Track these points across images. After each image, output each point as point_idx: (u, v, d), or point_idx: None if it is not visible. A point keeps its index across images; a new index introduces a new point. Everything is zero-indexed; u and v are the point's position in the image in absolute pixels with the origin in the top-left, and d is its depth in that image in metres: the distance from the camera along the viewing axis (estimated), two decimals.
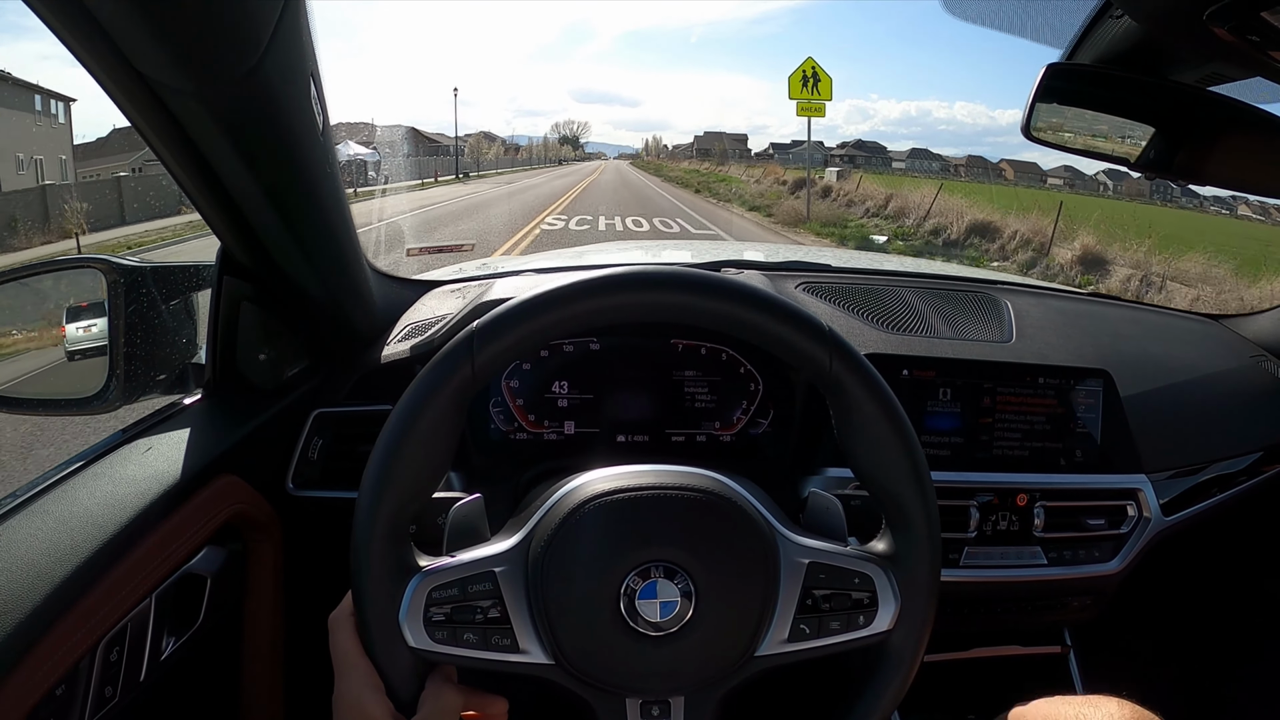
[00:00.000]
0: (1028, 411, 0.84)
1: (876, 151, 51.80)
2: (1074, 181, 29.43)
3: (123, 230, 12.80)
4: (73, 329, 0.75)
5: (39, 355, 0.73)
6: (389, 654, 0.45)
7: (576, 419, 0.81)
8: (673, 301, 0.47)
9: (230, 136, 0.53)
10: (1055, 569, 0.81)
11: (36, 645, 0.46)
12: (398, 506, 0.45)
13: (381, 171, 22.76)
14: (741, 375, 0.82)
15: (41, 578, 0.48)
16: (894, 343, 0.84)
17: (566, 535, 0.46)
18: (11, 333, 0.74)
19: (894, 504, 0.49)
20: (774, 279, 0.93)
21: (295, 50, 0.52)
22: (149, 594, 0.57)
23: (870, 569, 0.48)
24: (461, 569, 0.46)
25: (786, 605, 0.47)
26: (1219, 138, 0.69)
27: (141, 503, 0.57)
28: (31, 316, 0.75)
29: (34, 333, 0.75)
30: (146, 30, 0.43)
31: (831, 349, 0.47)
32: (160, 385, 0.72)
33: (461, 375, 0.45)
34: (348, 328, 0.79)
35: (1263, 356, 1.03)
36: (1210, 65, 0.65)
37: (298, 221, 0.64)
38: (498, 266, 1.08)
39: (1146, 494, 0.84)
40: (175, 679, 0.62)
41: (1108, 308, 1.07)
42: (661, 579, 0.45)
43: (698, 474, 0.49)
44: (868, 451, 0.49)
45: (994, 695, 0.93)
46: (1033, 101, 0.63)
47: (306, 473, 0.76)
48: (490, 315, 0.46)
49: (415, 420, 0.45)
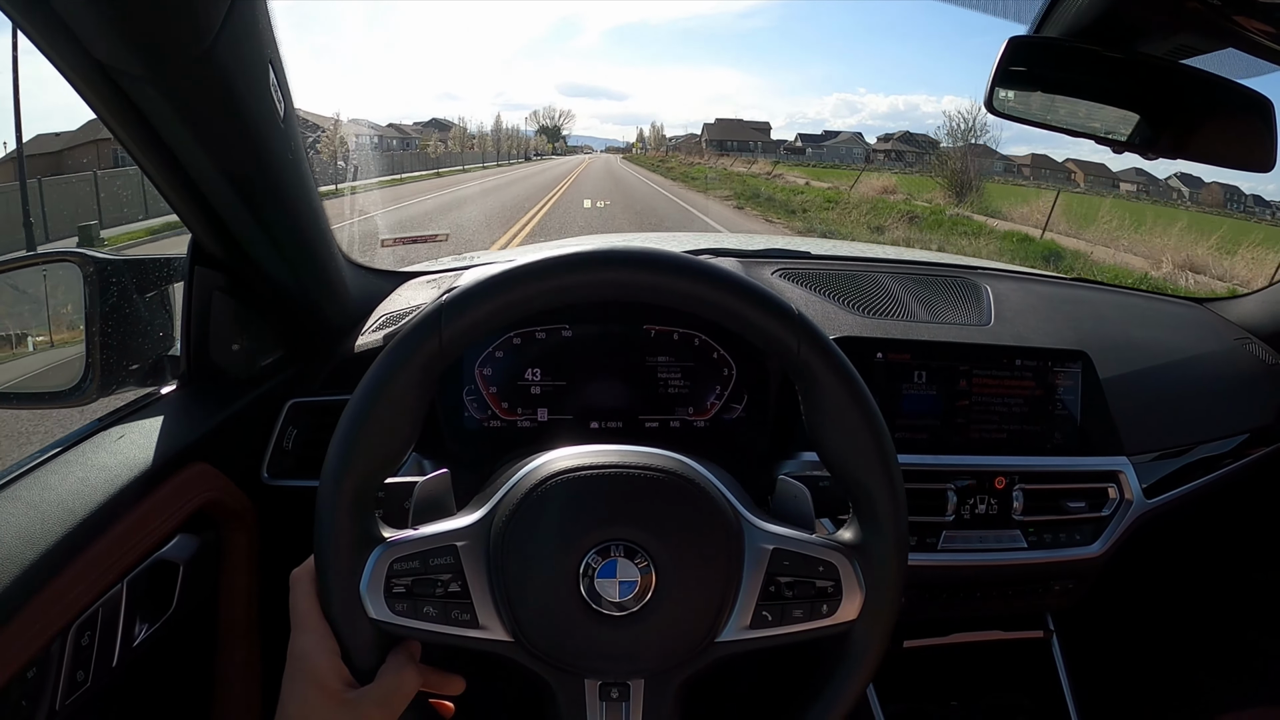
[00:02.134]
0: (1005, 394, 0.83)
1: (927, 146, 40.38)
2: (1148, 187, 25.86)
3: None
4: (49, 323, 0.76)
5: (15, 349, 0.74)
6: (349, 623, 0.45)
7: (550, 406, 0.81)
8: (641, 280, 0.47)
9: (189, 123, 0.53)
10: (1035, 552, 0.81)
11: (6, 627, 0.46)
12: (363, 476, 0.45)
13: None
14: (714, 361, 0.82)
15: (10, 561, 0.49)
16: (869, 326, 0.84)
17: (528, 511, 0.46)
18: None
19: (861, 492, 0.48)
20: (750, 265, 0.93)
21: (251, 36, 0.52)
22: (120, 579, 0.57)
23: (835, 558, 0.48)
24: (423, 542, 0.46)
25: (749, 591, 0.47)
26: (1192, 112, 0.68)
27: (112, 489, 0.58)
28: (7, 311, 0.76)
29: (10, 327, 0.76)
30: (97, 13, 0.44)
31: (800, 332, 0.47)
32: (136, 377, 0.72)
33: (429, 348, 0.45)
34: (321, 318, 0.79)
35: (1248, 339, 1.02)
36: (1180, 36, 0.64)
37: (264, 210, 0.64)
38: (474, 259, 1.08)
39: (1128, 476, 0.83)
40: (148, 664, 0.62)
41: (1090, 291, 1.06)
42: (621, 558, 0.45)
43: (662, 455, 0.49)
44: (835, 438, 0.48)
45: (976, 681, 0.93)
46: (994, 78, 0.62)
47: (281, 462, 0.76)
48: (459, 289, 0.46)
49: (383, 390, 0.45)
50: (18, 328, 0.76)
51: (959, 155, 17.59)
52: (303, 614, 0.46)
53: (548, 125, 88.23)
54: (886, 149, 40.82)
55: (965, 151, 17.68)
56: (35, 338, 0.76)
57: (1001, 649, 0.90)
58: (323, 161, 18.53)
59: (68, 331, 0.72)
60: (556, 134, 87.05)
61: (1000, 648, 0.90)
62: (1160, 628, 1.08)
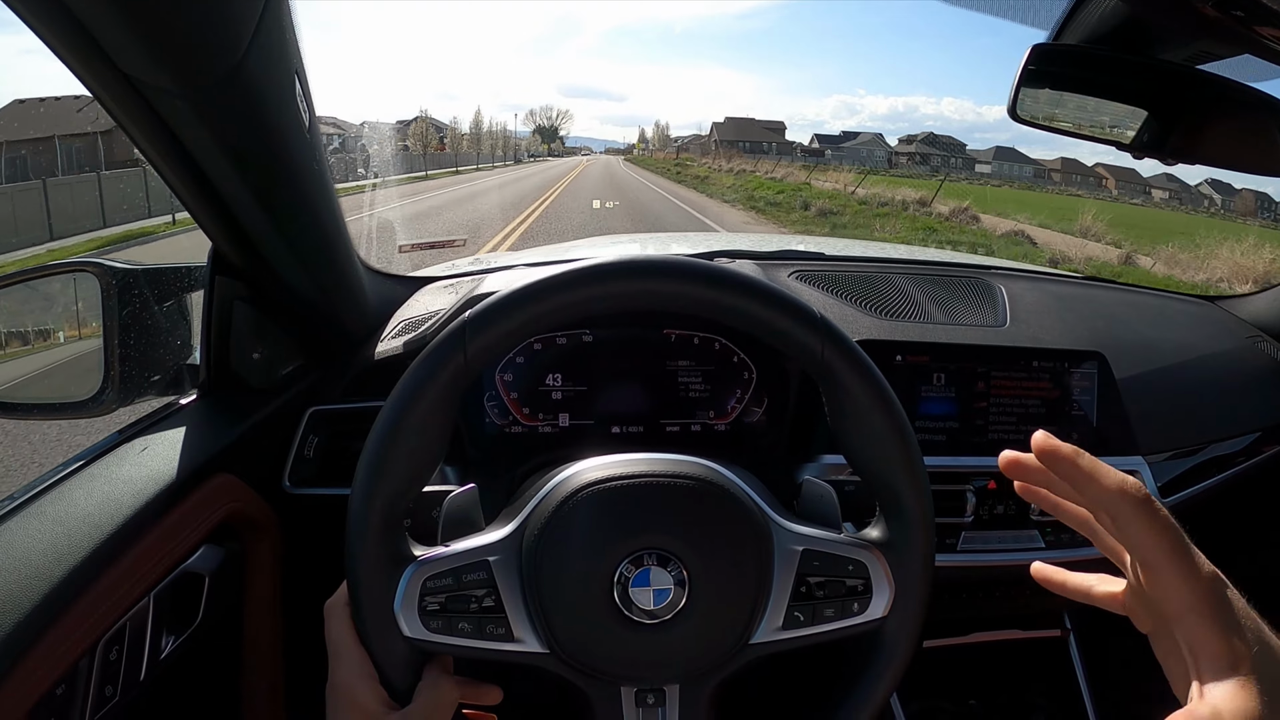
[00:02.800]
0: (1023, 395, 0.84)
1: (953, 149, 36.92)
2: (1181, 194, 24.70)
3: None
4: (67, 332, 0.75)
5: (34, 359, 0.73)
6: (384, 643, 0.45)
7: (571, 411, 0.81)
8: (665, 289, 0.47)
9: (216, 135, 0.53)
10: (1053, 552, 0.81)
11: (35, 645, 0.46)
12: (392, 496, 0.45)
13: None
14: (735, 364, 0.82)
15: (39, 578, 0.48)
16: (887, 329, 0.84)
17: (559, 524, 0.46)
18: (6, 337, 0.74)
19: (888, 492, 0.49)
20: (766, 268, 0.93)
21: (279, 47, 0.52)
22: (147, 593, 0.57)
23: (864, 556, 0.48)
24: (456, 558, 0.46)
25: (780, 592, 0.47)
26: (1210, 117, 0.68)
27: (138, 502, 0.57)
28: (26, 321, 0.75)
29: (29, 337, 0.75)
30: (127, 29, 0.43)
31: (824, 336, 0.47)
32: (156, 387, 0.72)
33: (455, 364, 0.45)
34: (341, 325, 0.79)
35: (1259, 337, 1.02)
36: (1198, 43, 0.64)
37: (287, 220, 0.64)
38: (490, 262, 1.08)
39: (1144, 476, 0.84)
40: (175, 677, 0.62)
41: (1103, 291, 1.07)
42: (655, 567, 0.45)
43: (691, 462, 0.49)
44: (861, 439, 0.48)
45: (994, 680, 0.93)
46: (1018, 84, 0.63)
47: (303, 470, 0.76)
48: (483, 304, 0.46)
49: (409, 409, 0.45)
50: (36, 338, 0.76)
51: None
52: (338, 644, 0.46)
53: (544, 125, 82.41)
54: (909, 151, 37.49)
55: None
56: (53, 347, 0.75)
57: (1020, 648, 0.91)
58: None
59: (86, 341, 0.72)
60: (553, 134, 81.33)
61: (1018, 647, 0.91)
62: None
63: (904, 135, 42.83)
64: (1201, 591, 0.34)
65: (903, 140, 41.32)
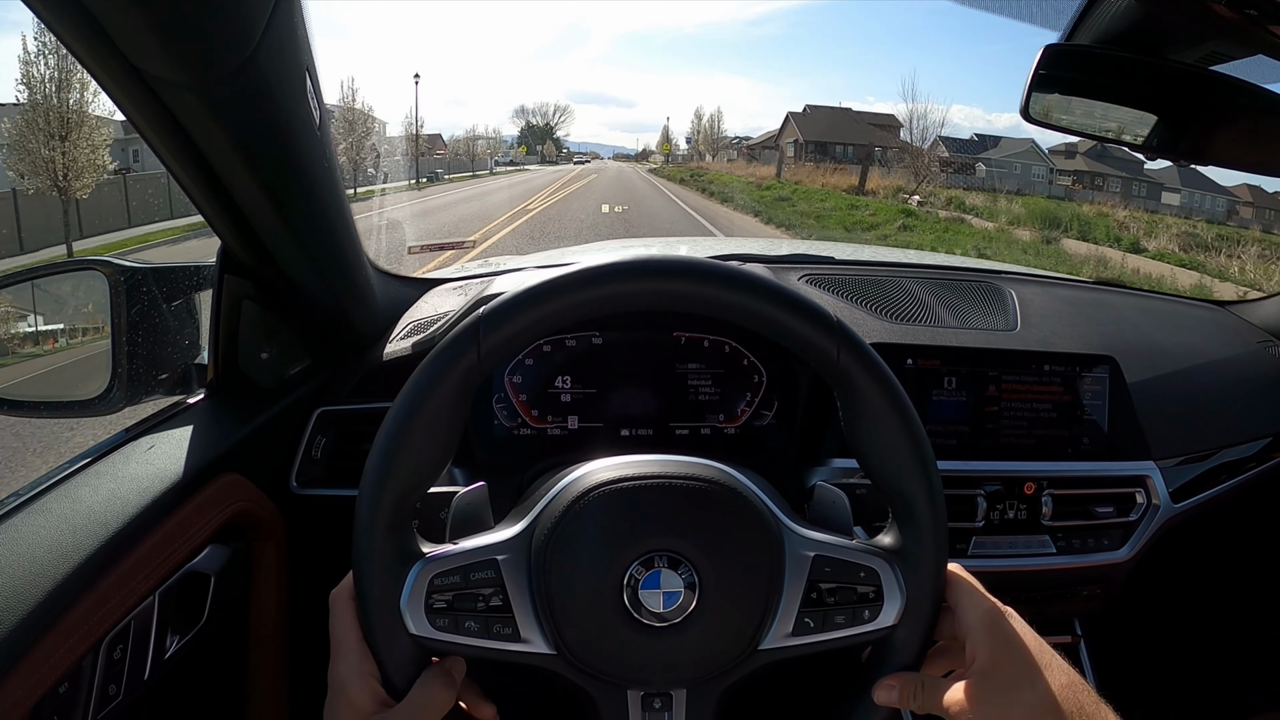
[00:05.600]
0: (1034, 399, 0.83)
1: (1131, 170, 26.30)
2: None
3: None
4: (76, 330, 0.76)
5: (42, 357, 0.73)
6: (388, 640, 0.44)
7: (580, 414, 0.80)
8: (679, 290, 0.46)
9: (226, 132, 0.53)
10: (1064, 558, 0.80)
11: (39, 642, 0.46)
12: (401, 492, 0.44)
13: None
14: (745, 367, 0.82)
15: (44, 575, 0.48)
16: (898, 332, 0.84)
17: (570, 524, 0.46)
18: (15, 335, 0.75)
19: (901, 498, 0.48)
20: (777, 271, 0.92)
21: (290, 44, 0.52)
22: (152, 592, 0.57)
23: (876, 563, 0.47)
24: (464, 556, 0.46)
25: (791, 598, 0.46)
26: (1222, 118, 0.68)
27: (144, 500, 0.57)
28: (35, 318, 0.75)
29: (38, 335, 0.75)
30: (139, 23, 0.43)
31: (840, 340, 0.46)
32: (163, 385, 0.72)
33: (468, 361, 0.45)
34: (349, 326, 0.79)
35: (1270, 342, 1.02)
36: (1210, 43, 0.64)
37: (297, 218, 0.64)
38: (499, 264, 1.08)
39: (1155, 481, 0.83)
40: (180, 677, 0.61)
41: (1114, 295, 1.06)
42: (665, 569, 0.44)
43: (703, 464, 0.48)
44: (875, 445, 0.48)
45: None
46: (1030, 84, 0.63)
47: (310, 471, 0.76)
48: (497, 301, 0.46)
49: (421, 405, 0.44)
50: (45, 336, 0.76)
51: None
52: (340, 638, 0.45)
53: (536, 124, 62.98)
54: (1075, 169, 26.73)
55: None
56: (61, 346, 0.75)
57: None
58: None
59: (94, 340, 0.72)
60: (546, 135, 62.86)
61: None
62: (1187, 632, 1.07)
63: (1062, 149, 27.64)
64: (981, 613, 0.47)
65: (1054, 151, 28.20)
